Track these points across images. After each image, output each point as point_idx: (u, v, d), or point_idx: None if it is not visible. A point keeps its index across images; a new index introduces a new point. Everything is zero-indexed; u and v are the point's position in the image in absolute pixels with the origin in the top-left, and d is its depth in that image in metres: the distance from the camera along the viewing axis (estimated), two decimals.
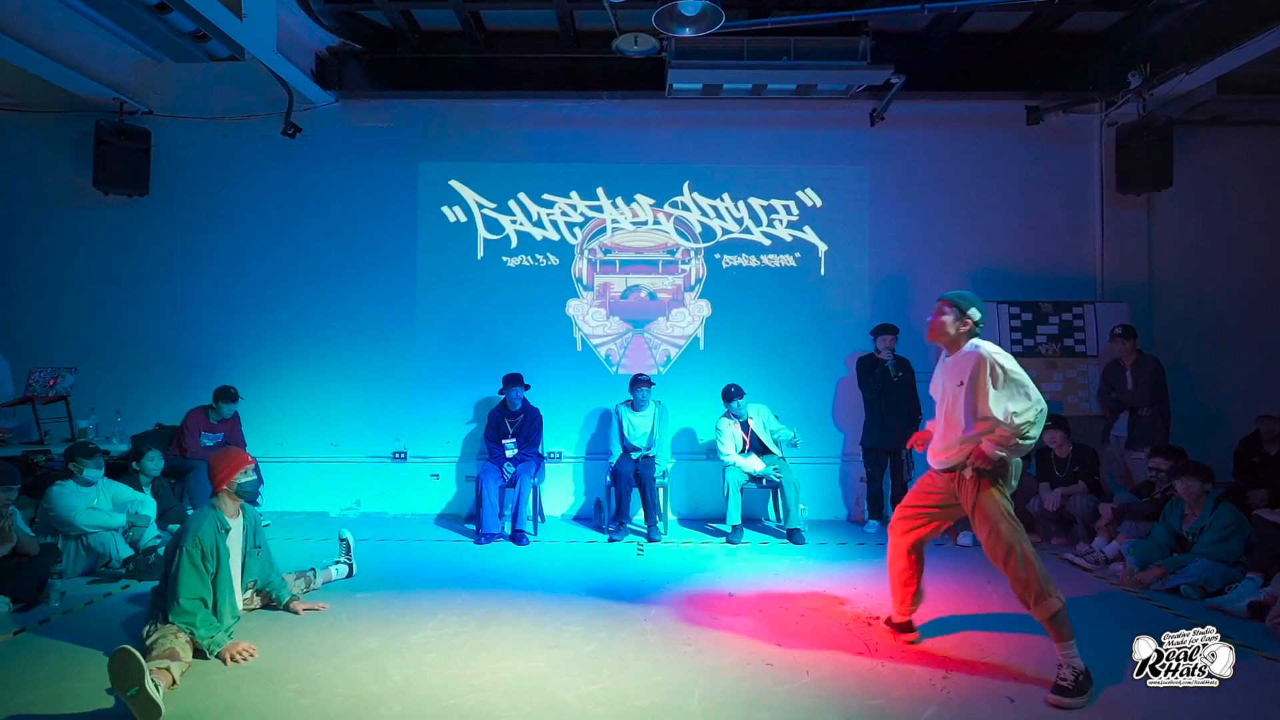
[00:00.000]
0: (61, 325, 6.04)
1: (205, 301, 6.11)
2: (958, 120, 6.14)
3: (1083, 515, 4.89)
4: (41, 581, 3.78)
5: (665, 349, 6.19)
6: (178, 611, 3.05)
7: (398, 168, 6.14)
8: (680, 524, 5.81)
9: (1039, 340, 5.77)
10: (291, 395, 6.07)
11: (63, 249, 6.10)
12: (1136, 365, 5.28)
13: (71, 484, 4.26)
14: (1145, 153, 5.64)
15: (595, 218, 6.17)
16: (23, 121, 6.07)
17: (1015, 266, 6.09)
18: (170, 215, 6.10)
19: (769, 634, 3.41)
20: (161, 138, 5.98)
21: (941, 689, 2.84)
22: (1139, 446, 5.17)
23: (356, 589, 4.05)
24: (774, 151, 6.17)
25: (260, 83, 5.90)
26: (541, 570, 4.49)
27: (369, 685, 2.85)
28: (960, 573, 4.41)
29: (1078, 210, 6.14)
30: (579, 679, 2.92)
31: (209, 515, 3.32)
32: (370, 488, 6.08)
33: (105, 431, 5.37)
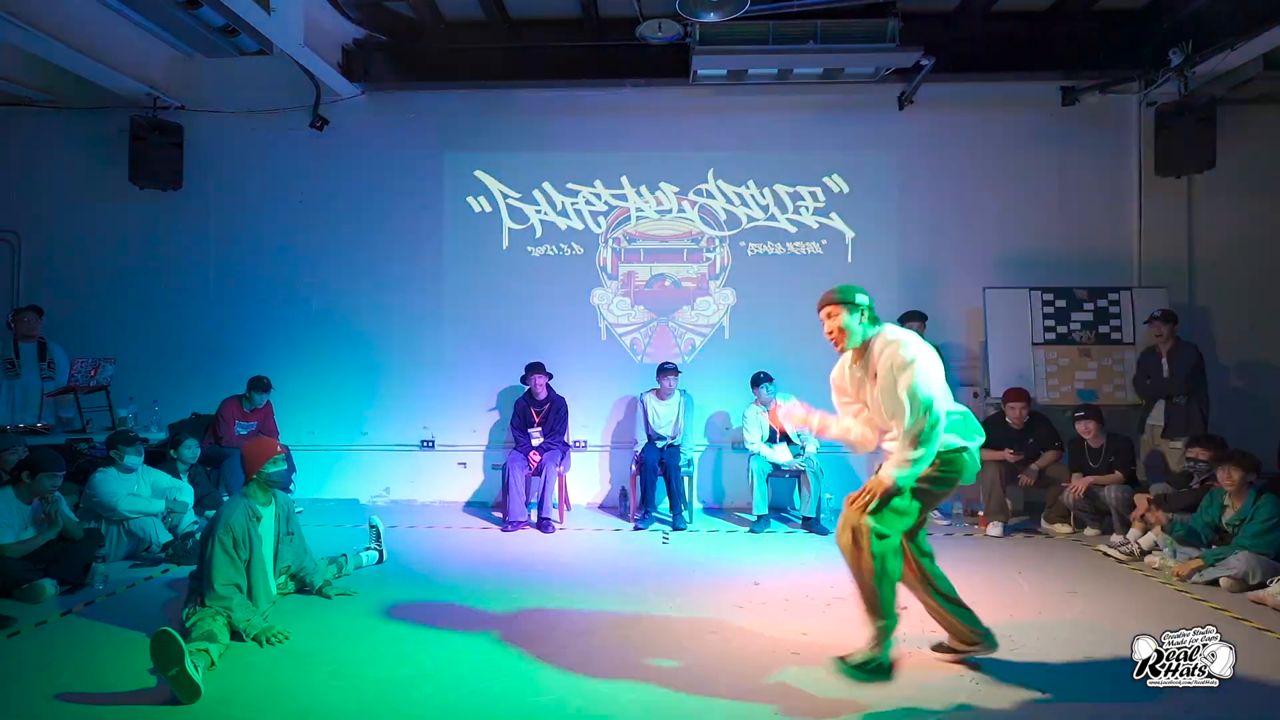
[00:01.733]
0: (100, 316, 6.20)
1: (238, 292, 6.23)
2: (989, 103, 6.00)
3: (1117, 506, 4.79)
4: (86, 565, 3.90)
5: (690, 338, 6.17)
6: (214, 597, 3.13)
7: (423, 159, 6.18)
8: (705, 513, 5.81)
9: (1072, 327, 5.64)
10: (322, 385, 6.17)
11: (100, 242, 6.26)
12: (1174, 352, 5.14)
13: (113, 471, 4.38)
14: (1186, 134, 5.46)
15: (619, 206, 6.16)
16: (61, 118, 6.22)
17: (1049, 252, 5.95)
18: (203, 208, 6.22)
19: (795, 623, 3.40)
20: (193, 132, 6.09)
21: (971, 680, 2.81)
22: (1175, 436, 5.04)
23: (387, 574, 4.12)
24: (800, 137, 6.09)
25: (288, 76, 5.97)
26: (567, 558, 4.52)
27: (400, 668, 2.91)
28: (990, 564, 4.35)
29: (1114, 194, 5.98)
30: (606, 665, 2.94)
31: (240, 504, 3.39)
32: (399, 476, 6.17)
33: (144, 420, 5.51)
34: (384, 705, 2.60)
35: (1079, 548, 4.75)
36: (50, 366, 5.30)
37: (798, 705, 2.62)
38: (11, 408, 5.14)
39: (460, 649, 3.09)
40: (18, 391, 5.19)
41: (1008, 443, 5.21)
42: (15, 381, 5.17)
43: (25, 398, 5.20)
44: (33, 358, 5.27)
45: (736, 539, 5.02)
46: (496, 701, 2.64)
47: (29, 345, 5.29)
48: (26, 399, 5.21)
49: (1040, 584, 3.99)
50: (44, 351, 5.32)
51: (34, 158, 6.28)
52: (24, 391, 5.21)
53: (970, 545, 4.77)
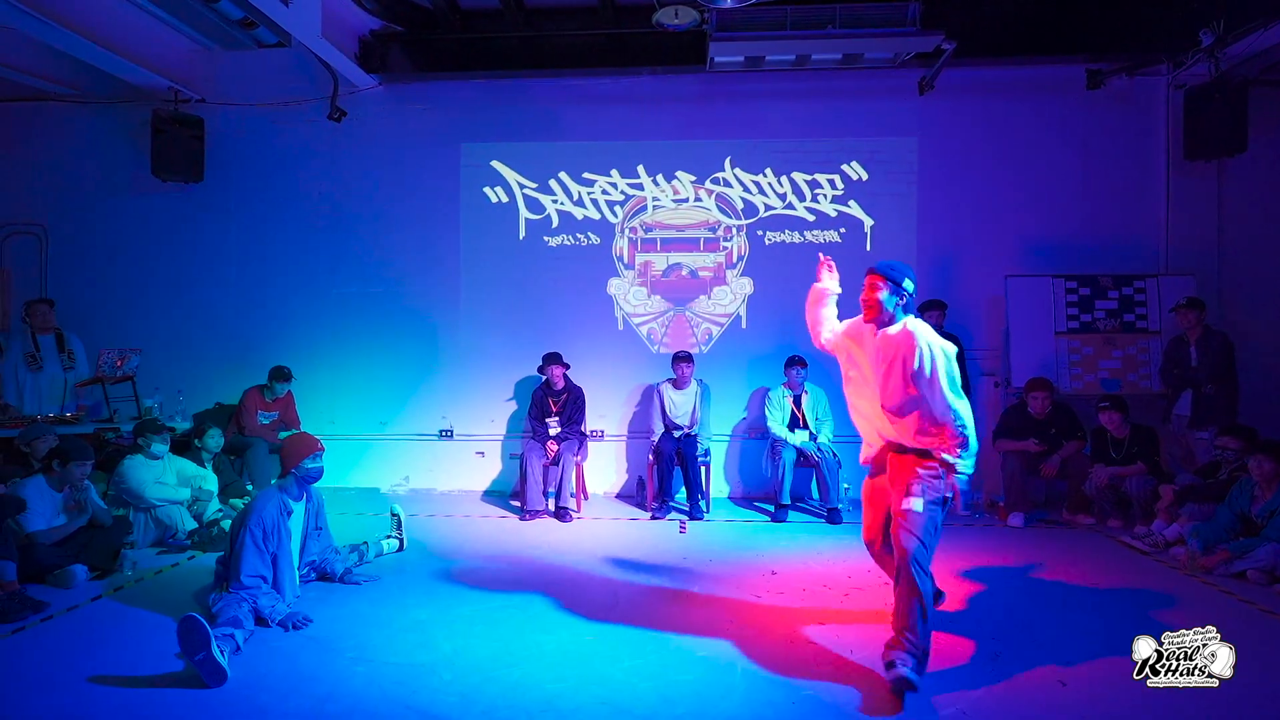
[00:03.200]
0: (125, 308, 6.31)
1: (258, 283, 6.29)
2: (1012, 87, 5.88)
3: (1140, 497, 4.72)
4: (115, 551, 3.99)
5: (707, 327, 6.15)
6: (239, 586, 3.19)
7: (440, 149, 6.20)
8: (723, 502, 5.80)
9: (1097, 316, 5.55)
10: (341, 374, 6.23)
11: (125, 235, 6.35)
12: (1202, 340, 5.04)
13: (140, 459, 4.47)
14: (1216, 116, 5.32)
15: (636, 196, 6.13)
16: (85, 112, 6.30)
17: (1073, 239, 5.85)
18: (224, 200, 6.28)
19: (813, 612, 3.40)
20: (214, 125, 6.15)
21: (991, 671, 2.80)
22: (1203, 426, 4.95)
23: (407, 562, 4.17)
24: (818, 124, 6.02)
25: (306, 68, 6.00)
26: (585, 546, 4.55)
27: (419, 654, 2.95)
28: (1011, 554, 4.32)
29: (1141, 179, 5.85)
30: (622, 653, 2.96)
31: (274, 497, 3.44)
32: (418, 465, 6.23)
33: (169, 410, 5.61)
34: (404, 690, 2.64)
35: (1102, 539, 4.70)
36: (70, 357, 5.40)
37: (815, 695, 2.62)
38: (38, 399, 5.25)
39: (478, 636, 3.12)
40: (43, 382, 5.29)
41: (1030, 433, 5.15)
42: (39, 374, 5.27)
43: (51, 388, 5.30)
44: (52, 349, 5.37)
45: (753, 529, 5.01)
46: (514, 688, 2.67)
47: (47, 337, 5.37)
48: (52, 390, 5.30)
49: (1062, 575, 3.94)
50: (62, 342, 5.42)
51: (59, 152, 6.37)
52: (49, 382, 5.30)
53: (991, 536, 4.73)
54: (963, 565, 4.09)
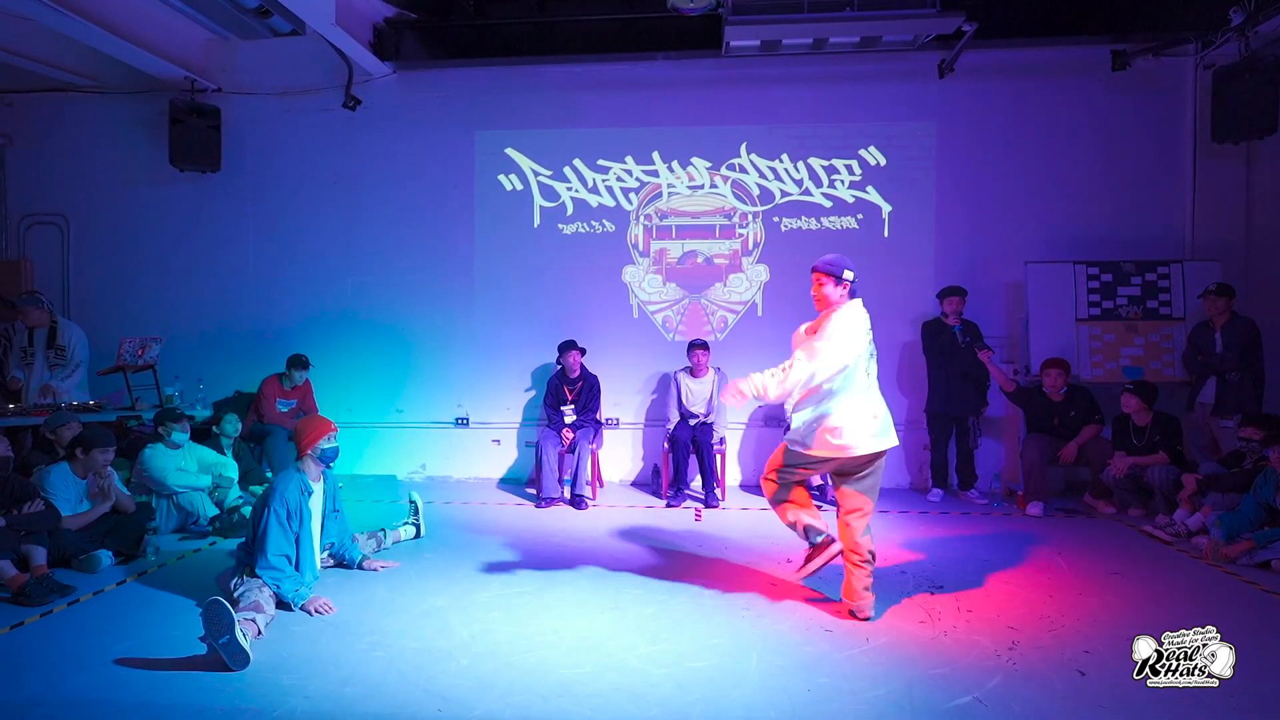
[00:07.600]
0: (144, 296, 6.38)
1: (275, 272, 6.34)
2: (1034, 69, 5.77)
3: (1162, 486, 4.65)
4: (139, 537, 4.06)
5: (723, 315, 6.12)
6: (265, 565, 3.23)
7: (455, 137, 6.19)
8: (738, 490, 5.80)
9: (1119, 302, 5.45)
10: (358, 362, 6.28)
11: (144, 224, 6.41)
12: (1228, 326, 4.94)
13: (161, 446, 4.54)
14: (1246, 97, 5.18)
15: (651, 183, 6.10)
16: (104, 103, 6.36)
17: (1095, 225, 5.74)
18: (241, 189, 6.32)
19: (828, 600, 3.39)
20: (230, 114, 6.18)
21: (1008, 660, 2.78)
22: (1227, 414, 4.86)
23: (424, 549, 4.21)
24: (835, 109, 5.94)
25: (321, 57, 6.00)
26: (600, 534, 4.56)
27: (437, 639, 2.97)
28: (1029, 543, 4.28)
29: (1167, 162, 5.73)
30: (638, 640, 2.97)
31: (295, 478, 3.49)
32: (435, 452, 6.28)
33: (189, 398, 5.68)
34: (422, 675, 2.67)
35: (1123, 528, 4.64)
36: (59, 353, 5.17)
37: (830, 682, 2.62)
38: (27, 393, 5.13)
39: (495, 622, 3.15)
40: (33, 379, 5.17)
41: (1047, 415, 5.10)
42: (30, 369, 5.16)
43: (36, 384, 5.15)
44: (41, 346, 5.18)
45: (769, 516, 4.99)
46: (531, 674, 2.69)
47: (39, 333, 5.21)
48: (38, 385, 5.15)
49: (1082, 565, 3.91)
50: (54, 337, 5.20)
51: (79, 143, 6.44)
52: (35, 379, 5.17)
53: (1010, 525, 4.69)
54: (982, 554, 4.07)
